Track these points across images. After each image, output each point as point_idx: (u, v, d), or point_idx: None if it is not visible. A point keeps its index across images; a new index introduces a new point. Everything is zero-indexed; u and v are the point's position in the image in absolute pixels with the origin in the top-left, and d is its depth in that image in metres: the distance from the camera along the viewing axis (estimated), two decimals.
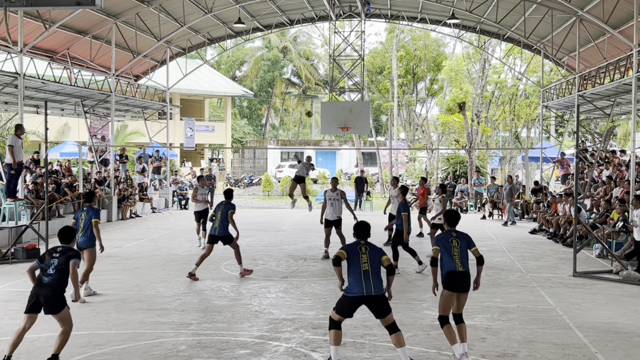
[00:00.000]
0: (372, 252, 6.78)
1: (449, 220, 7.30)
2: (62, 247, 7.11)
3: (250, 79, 59.55)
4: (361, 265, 6.62)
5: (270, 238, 17.07)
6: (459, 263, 6.96)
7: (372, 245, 6.89)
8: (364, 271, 6.60)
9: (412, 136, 41.97)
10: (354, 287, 6.59)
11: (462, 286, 6.97)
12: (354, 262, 6.66)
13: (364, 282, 6.57)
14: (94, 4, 9.60)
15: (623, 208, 14.60)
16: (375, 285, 6.58)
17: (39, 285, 6.75)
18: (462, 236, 7.19)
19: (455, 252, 7.00)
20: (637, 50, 15.98)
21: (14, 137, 15.32)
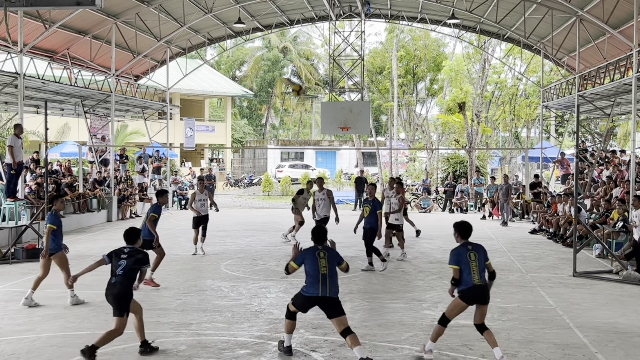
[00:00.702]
0: (330, 257, 7.03)
1: (462, 233, 7.07)
2: (129, 248, 7.25)
3: (250, 79, 59.55)
4: (320, 269, 6.88)
5: (270, 238, 17.07)
6: (477, 277, 6.82)
7: (330, 250, 7.15)
8: (322, 275, 6.87)
9: (412, 136, 41.99)
10: (311, 288, 6.89)
11: (480, 299, 6.88)
12: (313, 266, 6.91)
13: (321, 285, 6.85)
14: (94, 4, 9.61)
15: (623, 208, 14.60)
16: (331, 288, 6.87)
17: (108, 286, 7.02)
18: (477, 248, 6.99)
19: (473, 267, 6.82)
20: (637, 50, 15.99)
21: (13, 137, 15.31)
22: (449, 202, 26.43)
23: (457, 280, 6.84)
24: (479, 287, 6.81)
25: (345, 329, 6.81)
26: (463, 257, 6.85)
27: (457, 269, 6.83)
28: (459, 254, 6.88)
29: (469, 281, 6.79)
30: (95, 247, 15.30)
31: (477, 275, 6.80)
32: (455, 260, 6.85)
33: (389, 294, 10.26)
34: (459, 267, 6.82)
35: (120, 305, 6.95)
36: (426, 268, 12.69)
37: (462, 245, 6.98)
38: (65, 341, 7.58)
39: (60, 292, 10.24)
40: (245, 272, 12.16)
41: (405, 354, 7.21)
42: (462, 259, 6.84)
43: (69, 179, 20.40)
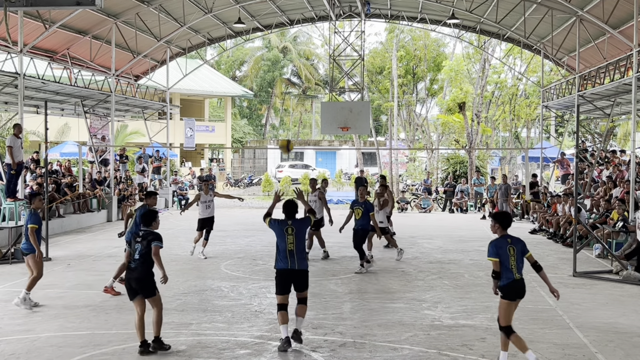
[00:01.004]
0: (297, 231, 7.52)
1: (502, 223, 6.75)
2: (143, 231, 7.34)
3: (250, 79, 59.55)
4: (287, 245, 7.46)
5: (270, 238, 16.96)
6: (516, 271, 6.61)
7: (298, 223, 7.58)
8: (289, 251, 7.46)
9: (412, 136, 41.98)
10: (281, 262, 7.52)
11: (519, 294, 6.69)
12: (281, 242, 7.51)
13: (289, 259, 7.47)
14: (94, 4, 9.62)
15: (623, 208, 14.60)
16: (299, 261, 7.47)
17: (128, 270, 7.22)
18: (516, 242, 6.70)
19: (512, 262, 6.59)
20: (637, 50, 15.98)
21: (12, 138, 15.24)
22: (449, 202, 26.43)
23: (497, 273, 6.62)
24: (519, 281, 6.61)
25: (302, 298, 7.55)
26: (503, 250, 6.59)
27: (497, 262, 6.59)
28: (499, 246, 6.62)
29: (510, 276, 6.59)
30: (95, 247, 15.30)
31: (515, 269, 6.59)
32: (495, 253, 6.60)
33: (389, 294, 10.26)
34: (498, 260, 6.59)
35: (146, 287, 7.12)
36: (426, 268, 12.70)
37: (502, 238, 6.69)
38: (65, 341, 7.58)
39: (60, 292, 10.25)
40: (245, 272, 12.17)
41: (405, 354, 7.21)
42: (502, 251, 6.59)
43: (69, 179, 20.40)
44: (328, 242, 15.41)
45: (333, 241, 16.37)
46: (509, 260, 6.57)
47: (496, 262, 6.59)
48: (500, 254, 6.58)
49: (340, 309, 9.35)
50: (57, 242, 15.84)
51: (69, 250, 14.60)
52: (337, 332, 8.06)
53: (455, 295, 10.25)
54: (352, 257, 13.70)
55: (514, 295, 6.64)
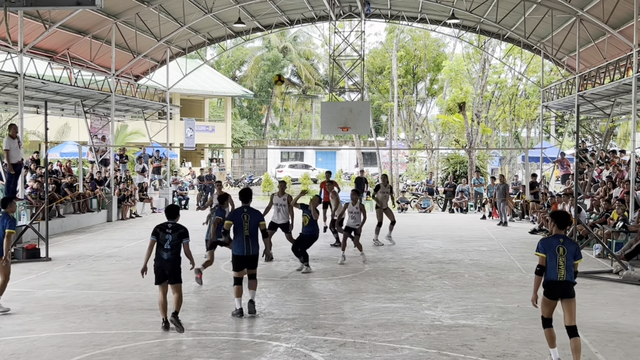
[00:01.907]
0: (252, 218, 8.61)
1: (559, 223, 6.70)
2: (171, 223, 8.09)
3: (250, 79, 59.55)
4: (244, 231, 8.50)
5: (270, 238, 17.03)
6: (563, 273, 6.52)
7: (253, 211, 8.72)
8: (246, 236, 8.51)
9: (412, 136, 41.98)
10: (238, 248, 8.57)
11: (563, 294, 6.59)
12: (238, 229, 8.53)
13: (245, 245, 8.53)
14: (94, 4, 9.61)
15: (623, 208, 14.61)
16: (253, 247, 8.59)
17: (160, 259, 7.93)
18: (569, 243, 6.63)
19: (560, 262, 6.51)
20: (637, 50, 15.98)
21: (8, 140, 15.07)
22: (449, 202, 26.43)
23: (542, 268, 6.57)
24: (562, 282, 6.51)
25: (252, 274, 8.75)
26: (552, 248, 6.54)
27: (543, 257, 6.57)
28: (548, 244, 6.60)
29: (553, 275, 6.54)
30: (95, 247, 15.30)
31: (563, 270, 6.50)
32: (543, 249, 6.59)
33: (389, 294, 10.26)
34: (545, 256, 6.55)
35: (176, 274, 7.97)
36: (426, 268, 12.70)
37: (554, 237, 6.67)
38: (65, 341, 7.58)
39: (60, 292, 10.25)
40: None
41: (405, 354, 7.21)
42: (550, 250, 6.54)
43: (69, 179, 20.39)
44: (328, 242, 15.44)
45: (332, 241, 16.37)
46: (556, 259, 6.52)
47: (542, 257, 6.57)
48: (548, 250, 6.55)
49: (340, 309, 9.35)
50: (57, 242, 15.84)
51: (69, 250, 14.60)
52: (337, 332, 8.06)
53: (455, 295, 10.25)
54: (352, 257, 13.71)
55: (555, 295, 6.59)
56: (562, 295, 6.57)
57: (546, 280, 6.58)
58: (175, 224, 8.11)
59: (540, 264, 6.57)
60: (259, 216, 8.71)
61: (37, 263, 12.89)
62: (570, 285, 6.56)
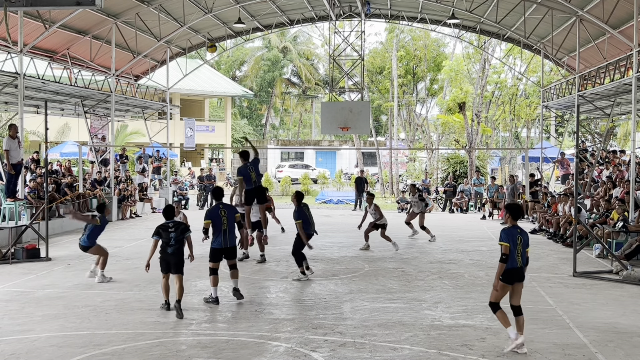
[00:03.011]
0: (229, 213, 9.43)
1: (514, 215, 7.36)
2: (172, 222, 9.05)
3: (250, 79, 59.55)
4: (222, 225, 9.28)
5: (270, 238, 17.04)
6: (520, 260, 7.20)
7: (228, 206, 9.62)
8: (224, 230, 9.31)
9: (412, 136, 41.98)
10: (216, 241, 9.32)
11: (518, 279, 7.26)
12: (217, 223, 9.28)
13: (223, 238, 9.30)
14: (94, 4, 9.60)
15: (623, 208, 14.60)
16: (231, 239, 9.36)
17: (165, 253, 8.87)
18: (524, 233, 7.32)
19: (519, 250, 7.18)
20: (637, 50, 15.98)
21: (8, 140, 15.08)
22: (449, 202, 26.43)
23: (507, 256, 7.10)
24: (520, 269, 7.21)
25: (233, 264, 9.55)
26: (513, 238, 7.15)
27: (507, 246, 7.11)
28: (510, 233, 7.17)
29: (514, 263, 7.15)
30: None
31: (520, 258, 7.18)
32: (506, 239, 7.13)
33: (389, 294, 10.26)
34: (509, 245, 7.11)
35: (179, 266, 8.89)
36: (426, 268, 12.70)
37: (513, 227, 7.27)
38: (65, 341, 7.58)
39: (60, 292, 10.25)
40: (245, 272, 12.14)
41: (405, 354, 7.21)
42: (512, 239, 7.14)
43: (69, 179, 20.39)
44: (328, 242, 15.44)
45: (333, 241, 16.39)
46: (516, 248, 7.15)
47: (507, 246, 7.10)
48: (510, 240, 7.14)
49: (340, 309, 9.35)
50: (57, 242, 15.84)
51: (69, 250, 14.60)
52: (337, 332, 8.06)
53: (455, 295, 10.26)
54: (352, 257, 13.73)
55: (512, 280, 7.22)
56: (518, 280, 7.25)
57: (508, 268, 7.15)
58: (175, 222, 9.08)
59: (505, 253, 7.12)
60: (234, 210, 9.61)
61: (37, 263, 12.89)
62: (523, 270, 7.28)
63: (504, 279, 7.18)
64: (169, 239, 8.83)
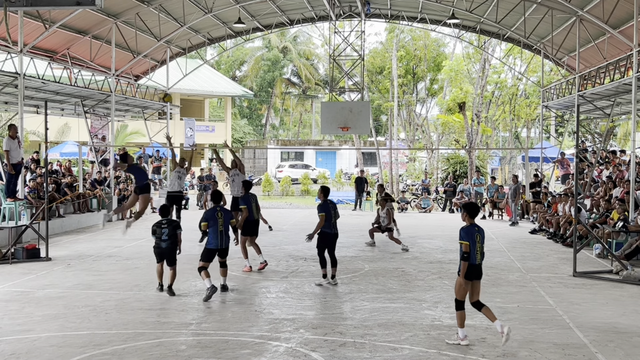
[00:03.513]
0: (225, 216, 9.93)
1: (471, 213, 7.57)
2: (166, 219, 10.04)
3: (250, 79, 59.55)
4: (218, 226, 9.79)
5: (270, 238, 17.06)
6: (479, 257, 7.43)
7: (225, 210, 10.10)
8: (220, 231, 9.82)
9: (412, 136, 41.99)
10: (213, 242, 9.83)
11: (477, 276, 7.49)
12: (213, 224, 9.80)
13: (219, 239, 9.83)
14: (94, 4, 9.61)
15: (623, 208, 14.61)
16: (225, 240, 9.92)
17: (159, 247, 9.97)
18: (482, 231, 7.55)
19: (477, 247, 7.41)
20: (637, 50, 15.98)
21: (8, 140, 15.06)
22: (449, 202, 26.42)
23: (468, 254, 7.30)
24: (478, 266, 7.44)
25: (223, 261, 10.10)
26: (472, 236, 7.37)
27: (467, 244, 7.31)
28: (469, 232, 7.39)
29: (474, 260, 7.36)
30: (95, 247, 15.29)
31: (479, 255, 7.42)
32: (467, 237, 7.35)
33: (389, 294, 10.26)
34: (469, 243, 7.31)
35: (172, 258, 9.97)
36: (426, 268, 12.69)
37: (471, 225, 7.48)
38: (65, 341, 7.58)
39: (60, 292, 10.25)
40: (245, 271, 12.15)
41: (405, 354, 7.21)
42: (472, 238, 7.36)
43: (69, 179, 20.39)
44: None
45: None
46: (475, 246, 7.39)
47: (467, 244, 7.33)
48: (470, 238, 7.38)
49: (340, 309, 9.35)
50: (57, 242, 15.84)
51: (69, 250, 14.60)
52: (337, 332, 8.06)
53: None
54: (352, 257, 13.72)
55: (473, 277, 7.43)
56: (477, 276, 7.47)
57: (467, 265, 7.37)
58: (169, 219, 10.08)
59: (466, 251, 7.32)
60: (230, 216, 10.15)
61: (37, 263, 12.89)
62: (481, 267, 7.53)
63: (465, 276, 7.40)
64: (161, 234, 9.86)
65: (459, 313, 7.50)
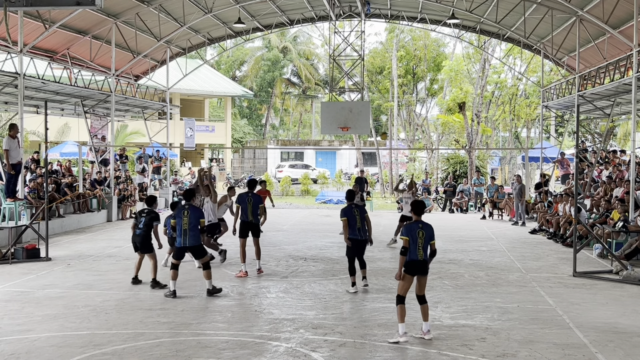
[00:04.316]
0: (192, 215, 9.73)
1: (416, 210, 7.97)
2: (147, 209, 10.56)
3: (250, 79, 59.53)
4: (182, 225, 9.69)
5: (270, 238, 17.06)
6: (422, 253, 7.70)
7: (194, 208, 9.89)
8: (184, 230, 9.68)
9: (412, 136, 41.99)
10: (178, 240, 9.79)
11: (421, 271, 7.79)
12: (179, 222, 9.76)
13: (182, 237, 9.70)
14: (94, 4, 9.60)
15: (623, 208, 14.61)
16: (190, 239, 9.70)
17: (134, 235, 10.56)
18: (426, 227, 7.83)
19: (420, 243, 7.70)
20: (637, 50, 15.98)
21: (8, 140, 15.04)
22: (449, 202, 26.43)
23: (406, 249, 7.65)
24: (421, 261, 7.71)
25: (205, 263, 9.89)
26: (413, 232, 7.70)
27: (407, 240, 7.68)
28: (410, 229, 7.76)
29: (414, 255, 7.67)
30: (95, 247, 15.30)
31: (421, 251, 7.68)
32: (406, 233, 7.71)
33: (389, 294, 10.24)
34: (408, 238, 7.67)
35: (145, 246, 10.45)
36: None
37: (415, 222, 7.86)
38: (65, 341, 7.58)
39: (60, 292, 10.26)
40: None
41: (405, 354, 7.21)
42: (412, 234, 7.69)
43: (69, 179, 20.39)
44: (328, 242, 15.43)
45: (333, 241, 16.38)
46: (417, 242, 7.68)
47: (406, 240, 7.67)
48: (410, 234, 7.67)
49: (340, 309, 9.35)
50: (57, 242, 15.84)
51: (69, 250, 14.60)
52: (337, 332, 8.06)
53: (455, 295, 10.26)
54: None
55: (415, 272, 7.71)
56: (420, 272, 7.75)
57: (408, 260, 7.67)
58: (150, 210, 10.56)
59: (405, 246, 7.64)
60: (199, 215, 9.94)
61: (37, 263, 12.89)
62: (426, 264, 7.78)
63: (406, 270, 7.68)
64: (138, 222, 10.43)
65: (399, 307, 7.69)
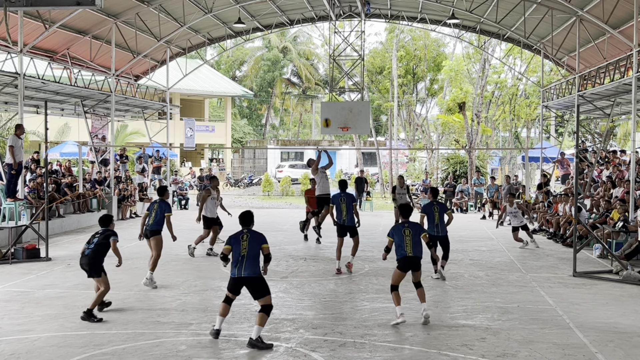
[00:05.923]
0: (252, 239, 7.59)
1: (403, 213, 8.66)
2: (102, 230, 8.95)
3: (250, 79, 59.53)
4: (241, 250, 7.48)
5: (270, 238, 16.91)
6: (410, 250, 8.27)
7: (254, 232, 7.72)
8: (242, 256, 7.45)
9: (412, 136, 41.98)
10: (233, 269, 7.50)
11: (412, 267, 8.40)
12: (236, 248, 7.52)
13: (238, 266, 7.43)
14: (94, 4, 9.60)
15: (623, 208, 14.60)
16: (247, 269, 7.41)
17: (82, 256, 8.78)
18: (413, 226, 8.48)
19: (407, 241, 8.28)
20: (637, 50, 15.98)
21: (14, 137, 15.28)
22: (449, 202, 26.42)
23: (388, 249, 8.47)
24: (411, 257, 8.29)
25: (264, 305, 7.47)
26: (399, 232, 8.36)
27: (391, 240, 8.43)
28: (396, 229, 8.47)
29: (403, 252, 8.29)
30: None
31: (410, 248, 8.26)
32: (391, 234, 8.48)
33: (389, 294, 10.23)
34: (393, 239, 8.38)
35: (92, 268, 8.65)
36: (426, 268, 12.63)
37: (401, 224, 8.53)
38: (65, 341, 7.58)
39: (60, 292, 10.26)
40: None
41: (405, 354, 7.21)
42: (397, 233, 8.36)
43: (69, 179, 20.39)
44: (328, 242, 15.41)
45: (333, 241, 16.35)
46: (404, 240, 8.30)
47: (390, 240, 8.46)
48: (395, 234, 8.40)
49: (340, 309, 9.35)
50: (57, 242, 15.83)
51: (69, 250, 14.59)
52: (337, 332, 8.06)
53: (455, 295, 10.26)
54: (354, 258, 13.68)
55: (406, 268, 8.35)
56: (412, 268, 8.37)
57: (399, 257, 8.34)
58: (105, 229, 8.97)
59: (388, 246, 8.50)
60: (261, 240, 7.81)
61: (37, 263, 12.89)
62: (418, 259, 8.36)
63: (399, 267, 8.34)
64: (89, 244, 8.79)
65: (394, 294, 8.33)
